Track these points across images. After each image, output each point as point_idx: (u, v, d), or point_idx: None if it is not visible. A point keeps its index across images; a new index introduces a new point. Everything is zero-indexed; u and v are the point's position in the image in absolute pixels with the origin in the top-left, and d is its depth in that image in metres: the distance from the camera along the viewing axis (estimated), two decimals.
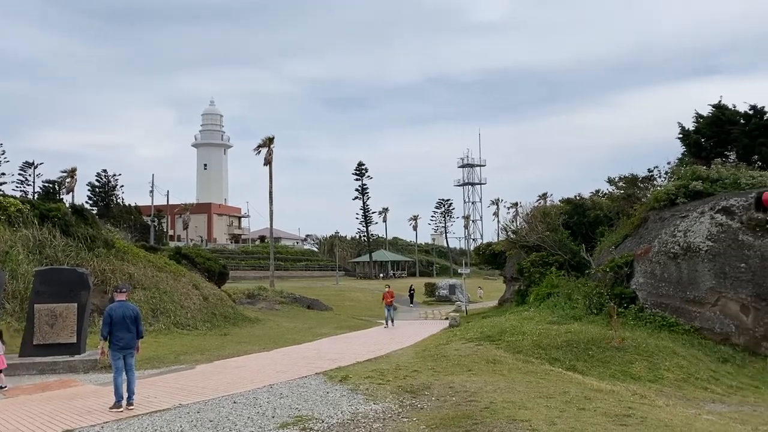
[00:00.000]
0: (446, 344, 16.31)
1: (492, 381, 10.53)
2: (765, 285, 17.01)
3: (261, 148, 57.48)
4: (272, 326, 27.44)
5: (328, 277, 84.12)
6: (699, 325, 17.45)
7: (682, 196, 20.64)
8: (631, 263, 19.94)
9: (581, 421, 7.52)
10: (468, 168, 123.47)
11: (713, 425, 8.03)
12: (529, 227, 32.37)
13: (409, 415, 8.38)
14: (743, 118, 27.19)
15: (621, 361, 13.91)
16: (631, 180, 29.13)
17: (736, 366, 15.63)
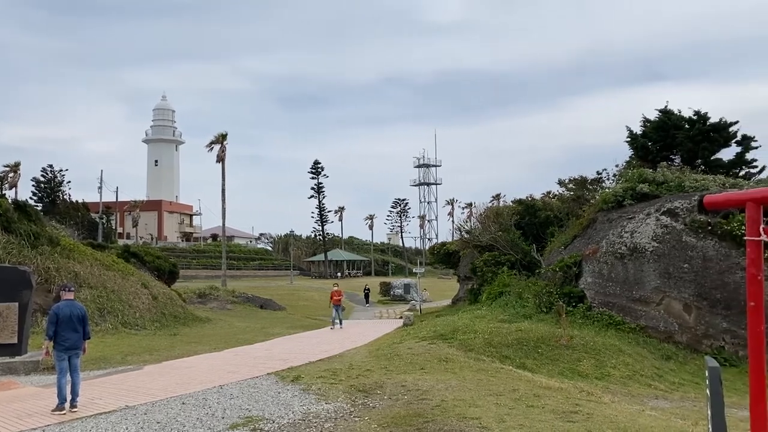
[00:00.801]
0: (399, 343, 16.36)
1: (444, 379, 10.61)
2: (706, 285, 17.65)
3: (214, 144, 56.58)
4: (223, 326, 27.04)
5: (283, 276, 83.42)
6: (644, 324, 17.98)
7: (629, 198, 21.25)
8: (580, 263, 20.41)
9: (530, 418, 7.65)
10: (424, 168, 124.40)
11: (656, 421, 8.28)
12: (482, 227, 32.83)
13: (360, 415, 8.37)
14: (688, 123, 28.16)
15: (569, 359, 14.22)
16: (580, 182, 29.85)
17: (678, 363, 16.17)
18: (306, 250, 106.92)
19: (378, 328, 24.94)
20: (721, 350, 16.77)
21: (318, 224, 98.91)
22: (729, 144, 28.26)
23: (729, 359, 16.22)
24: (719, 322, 17.21)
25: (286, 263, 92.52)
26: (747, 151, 28.20)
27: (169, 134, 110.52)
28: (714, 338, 17.19)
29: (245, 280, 69.39)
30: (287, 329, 25.90)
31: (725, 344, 16.95)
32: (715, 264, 17.75)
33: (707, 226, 18.22)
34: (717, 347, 16.92)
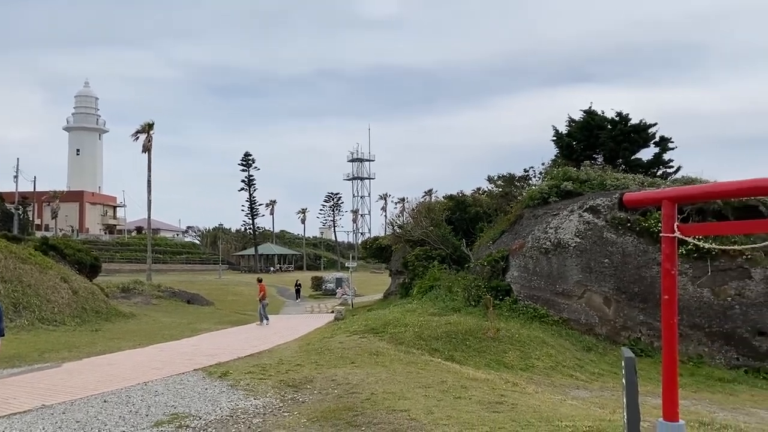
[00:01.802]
0: (330, 337, 16.35)
1: (374, 373, 10.67)
2: (625, 279, 18.48)
3: (140, 134, 54.60)
4: (148, 321, 26.22)
5: (211, 270, 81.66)
6: (567, 317, 18.65)
7: (555, 195, 21.96)
8: (507, 258, 20.96)
9: (457, 409, 7.81)
10: (357, 162, 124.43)
11: (576, 410, 8.61)
12: (414, 222, 33.16)
13: (290, 410, 8.32)
14: (610, 124, 29.34)
15: (496, 351, 14.60)
16: (508, 179, 30.62)
17: (598, 354, 16.86)
18: (235, 244, 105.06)
19: (309, 322, 24.82)
20: (637, 341, 17.60)
21: (248, 218, 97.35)
22: (648, 145, 29.64)
23: (645, 350, 17.04)
24: (636, 314, 18.05)
25: (214, 257, 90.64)
26: (664, 151, 29.67)
27: (92, 122, 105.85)
28: (631, 330, 18.02)
29: (172, 274, 67.51)
30: (215, 324, 25.40)
31: (642, 336, 17.80)
32: (633, 259, 18.60)
33: (627, 223, 19.07)
34: (634, 339, 17.75)
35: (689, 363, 16.46)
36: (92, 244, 68.99)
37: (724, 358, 16.79)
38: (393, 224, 37.94)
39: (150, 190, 53.98)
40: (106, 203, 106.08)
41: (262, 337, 19.10)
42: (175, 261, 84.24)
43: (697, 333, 17.12)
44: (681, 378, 14.64)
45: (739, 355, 16.70)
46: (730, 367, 16.53)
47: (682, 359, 16.25)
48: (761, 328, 16.63)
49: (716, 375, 15.82)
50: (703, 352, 16.95)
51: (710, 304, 17.25)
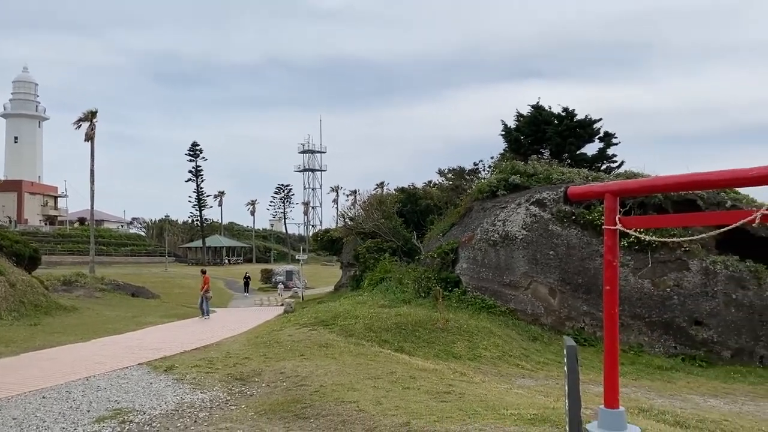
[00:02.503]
0: (279, 330, 16.22)
1: (323, 365, 10.65)
2: (569, 271, 18.96)
3: (82, 122, 52.73)
4: (91, 315, 25.44)
5: (157, 263, 79.80)
6: (514, 307, 19.02)
7: (503, 188, 22.33)
8: (457, 250, 21.21)
9: (405, 399, 7.86)
10: (309, 154, 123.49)
11: (521, 398, 8.80)
12: (365, 214, 33.19)
13: (237, 403, 8.23)
14: (557, 119, 29.96)
15: (445, 342, 14.76)
16: (458, 172, 30.96)
17: (543, 344, 17.25)
18: (183, 236, 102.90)
19: (258, 315, 24.55)
20: (581, 331, 18.10)
21: (196, 209, 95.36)
22: (593, 140, 30.40)
23: (588, 339, 17.54)
24: (580, 305, 18.55)
25: (160, 249, 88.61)
26: (608, 146, 30.49)
27: (31, 109, 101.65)
28: (575, 320, 18.51)
29: (116, 266, 65.71)
30: (161, 318, 24.83)
31: (585, 325, 18.31)
32: (577, 251, 19.09)
33: (571, 216, 19.54)
34: (578, 328, 18.25)
35: (630, 352, 17.03)
36: (31, 235, 66.49)
37: (662, 346, 17.43)
38: (344, 216, 37.95)
39: (93, 180, 52.29)
40: (47, 193, 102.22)
41: (209, 330, 18.80)
42: (119, 253, 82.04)
43: (638, 323, 17.72)
44: (622, 366, 15.15)
45: (676, 343, 17.36)
46: (669, 355, 17.18)
47: (623, 348, 16.80)
48: (697, 317, 17.33)
49: (655, 363, 16.42)
50: (643, 341, 17.56)
51: (650, 294, 17.87)
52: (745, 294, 17.14)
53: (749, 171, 5.71)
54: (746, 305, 17.03)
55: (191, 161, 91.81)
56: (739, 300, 17.12)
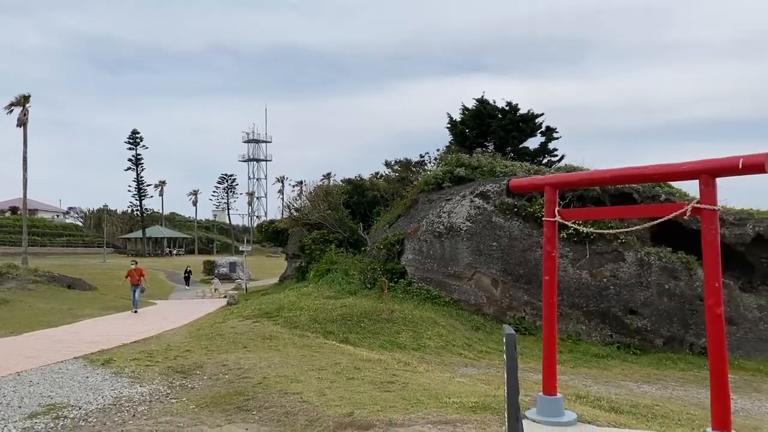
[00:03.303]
0: (222, 322, 15.99)
1: (267, 357, 10.56)
2: (511, 262, 19.36)
3: (14, 107, 50.43)
4: (23, 308, 24.43)
5: (95, 254, 77.30)
6: (457, 298, 19.30)
7: (448, 180, 22.58)
8: (403, 241, 21.35)
9: (350, 389, 7.89)
10: (253, 144, 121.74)
11: (464, 387, 8.95)
12: (312, 205, 32.97)
13: (178, 396, 8.07)
14: (500, 113, 30.49)
15: (389, 332, 14.87)
16: (405, 164, 31.12)
17: (486, 333, 17.58)
18: (122, 227, 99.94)
19: (200, 308, 24.13)
20: (522, 320, 18.53)
21: (136, 199, 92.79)
22: (535, 134, 31.10)
23: (528, 329, 17.98)
24: (521, 295, 18.98)
25: (98, 240, 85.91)
26: (549, 141, 31.25)
27: None
28: (516, 310, 18.93)
29: (51, 258, 63.28)
30: (98, 310, 24.08)
31: (526, 315, 18.75)
32: (519, 242, 19.50)
33: (514, 208, 19.94)
34: (519, 318, 18.67)
35: (569, 340, 17.54)
36: None
37: (599, 335, 18.03)
38: (290, 207, 37.60)
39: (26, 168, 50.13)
40: None
41: (149, 322, 18.35)
42: (55, 244, 79.01)
43: (576, 312, 18.26)
44: (560, 354, 15.61)
45: (612, 332, 17.99)
46: (605, 343, 17.78)
47: (561, 337, 17.30)
48: (632, 307, 17.99)
49: (592, 351, 16.97)
50: (581, 329, 18.11)
51: (588, 285, 18.43)
52: (677, 284, 17.89)
53: (681, 166, 5.95)
54: (678, 295, 17.78)
55: (131, 149, 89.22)
56: (671, 290, 17.86)
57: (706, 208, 5.55)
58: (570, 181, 8.38)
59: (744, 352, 17.04)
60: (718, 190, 5.80)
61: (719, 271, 5.58)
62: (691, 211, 5.62)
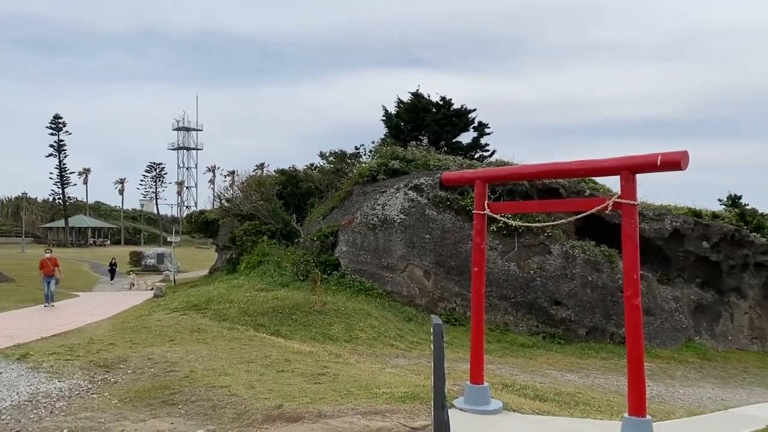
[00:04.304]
0: (148, 315, 15.54)
1: (194, 350, 10.33)
2: (443, 254, 19.66)
3: None
4: None
5: (12, 244, 73.50)
6: (390, 289, 19.44)
7: (383, 173, 22.66)
8: (337, 233, 21.30)
9: (280, 382, 7.82)
10: (184, 131, 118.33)
11: (394, 377, 9.03)
12: (244, 196, 32.36)
13: (99, 391, 7.80)
14: (435, 108, 30.81)
15: (322, 324, 14.82)
16: (340, 156, 31.02)
17: (417, 324, 17.79)
18: (42, 216, 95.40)
19: (125, 300, 23.34)
20: (452, 311, 18.86)
21: (58, 187, 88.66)
22: (468, 129, 31.60)
23: (459, 319, 18.32)
24: (452, 286, 19.31)
25: (17, 229, 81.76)
26: (482, 136, 31.84)
27: None
28: (447, 301, 19.25)
29: None
30: (16, 303, 22.89)
31: (456, 306, 19.09)
32: (451, 235, 19.82)
33: (446, 201, 20.24)
34: (450, 309, 19.00)
35: (497, 330, 17.99)
36: None
37: (526, 325, 18.57)
38: (221, 198, 36.75)
39: None
40: None
41: (70, 315, 17.60)
42: None
43: (504, 303, 18.74)
44: (489, 344, 15.98)
45: (538, 322, 18.56)
46: (531, 333, 18.34)
47: (490, 327, 17.72)
48: (557, 298, 18.61)
49: (519, 341, 17.47)
50: (509, 320, 18.60)
51: (516, 276, 18.94)
52: (599, 276, 18.63)
53: (603, 162, 6.19)
54: (600, 287, 18.52)
55: (53, 135, 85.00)
56: (594, 282, 18.58)
57: (626, 203, 5.79)
58: (499, 175, 8.59)
59: (660, 341, 17.95)
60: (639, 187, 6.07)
61: (638, 263, 5.84)
62: (612, 205, 5.85)
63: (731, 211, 22.67)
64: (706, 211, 21.36)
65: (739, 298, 19.69)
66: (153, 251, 56.85)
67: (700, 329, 18.93)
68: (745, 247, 19.96)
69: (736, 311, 19.47)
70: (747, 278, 19.89)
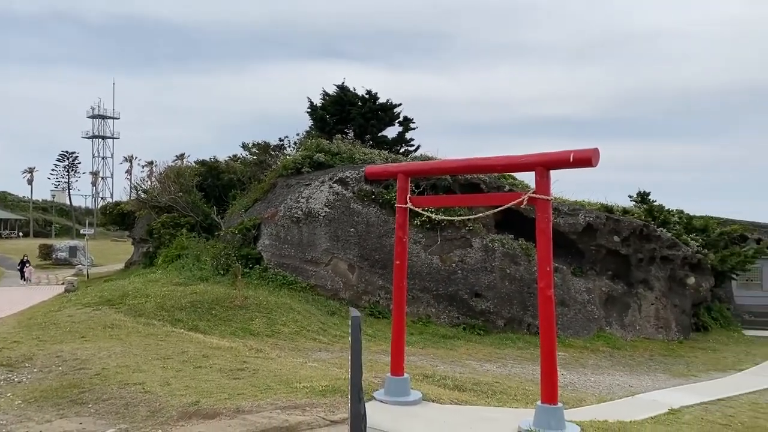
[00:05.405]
0: (58, 311, 14.81)
1: (107, 347, 9.92)
2: (368, 247, 19.72)
3: None
4: None
5: None
6: (314, 283, 19.33)
7: (308, 165, 22.47)
8: (259, 226, 20.96)
9: (196, 378, 7.63)
10: (99, 120, 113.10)
11: (316, 371, 9.00)
12: (162, 187, 31.28)
13: (2, 392, 7.36)
14: (360, 101, 30.81)
15: (242, 319, 14.56)
16: (263, 147, 30.52)
17: (341, 317, 17.77)
18: None
19: (33, 295, 22.13)
20: (377, 304, 18.98)
21: None
22: (393, 123, 31.78)
23: (382, 312, 18.44)
24: (376, 279, 19.41)
25: None
26: (407, 131, 32.11)
27: None
28: (371, 294, 19.34)
29: None
30: None
31: (380, 299, 19.21)
32: (376, 229, 19.91)
33: (371, 195, 20.30)
34: (374, 302, 19.10)
35: (419, 322, 18.24)
36: None
37: (447, 317, 18.92)
38: (138, 189, 35.42)
39: None
40: None
41: None
42: None
43: (427, 295, 19.02)
44: (411, 336, 16.17)
45: (459, 314, 18.95)
46: (452, 324, 18.71)
47: (413, 319, 17.95)
48: (478, 290, 19.06)
49: (441, 332, 17.77)
50: (431, 312, 18.90)
51: (438, 269, 19.25)
52: (517, 269, 19.21)
53: (519, 158, 6.37)
54: (518, 279, 19.10)
55: None
56: (512, 274, 19.15)
57: (540, 198, 5.98)
58: (420, 170, 8.69)
59: (573, 331, 18.72)
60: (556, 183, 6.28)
61: (551, 256, 6.05)
62: (528, 200, 6.03)
63: (640, 207, 23.89)
64: (617, 207, 22.41)
65: (647, 290, 20.78)
66: (65, 244, 54.10)
67: (611, 319, 19.86)
68: (653, 242, 21.08)
69: (643, 302, 20.55)
70: (654, 271, 21.01)
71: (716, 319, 22.91)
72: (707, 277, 22.04)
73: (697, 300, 21.71)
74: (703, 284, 21.77)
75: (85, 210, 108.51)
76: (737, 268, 23.34)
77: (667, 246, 21.23)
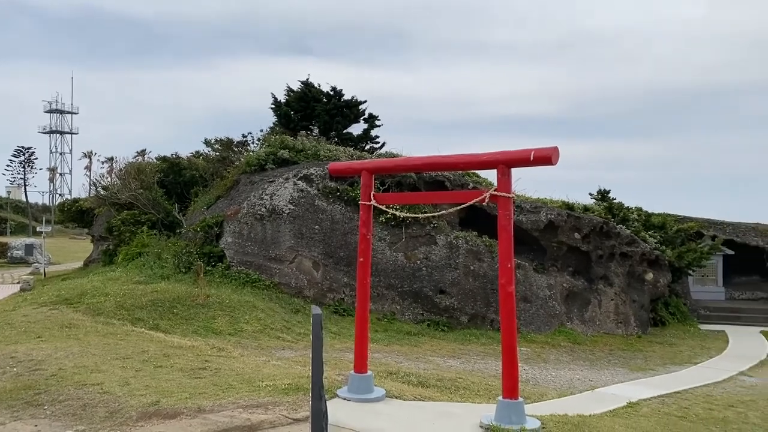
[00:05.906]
0: (13, 310, 14.40)
1: (64, 347, 9.69)
2: (333, 244, 19.67)
3: None
4: None
5: None
6: (278, 281, 19.20)
7: (271, 162, 22.28)
8: (222, 223, 20.71)
9: (157, 378, 7.51)
10: (57, 114, 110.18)
11: (279, 369, 8.94)
12: (122, 184, 30.64)
13: None
14: (325, 98, 30.65)
15: (204, 317, 14.38)
16: (226, 143, 30.16)
17: (305, 315, 17.69)
18: None
19: None
20: (341, 302, 18.95)
21: None
22: (358, 120, 31.69)
23: (347, 309, 18.42)
24: (341, 277, 19.38)
25: None
26: (372, 128, 32.06)
27: None
28: (336, 292, 19.30)
29: None
30: None
31: (345, 296, 19.18)
32: (341, 226, 19.87)
33: (336, 192, 20.25)
34: (338, 299, 19.07)
35: (384, 319, 18.28)
36: None
37: (412, 314, 19.00)
38: (97, 185, 34.63)
39: None
40: None
41: None
42: None
43: (392, 292, 19.07)
44: (376, 333, 16.20)
45: (424, 311, 19.06)
46: (417, 321, 18.80)
47: (377, 316, 17.99)
48: (442, 287, 19.19)
49: (405, 329, 17.85)
50: (396, 309, 18.96)
51: (403, 266, 19.32)
52: (481, 265, 19.40)
53: (481, 156, 6.43)
54: (481, 275, 19.29)
55: None
56: (476, 271, 19.33)
57: (501, 195, 6.04)
58: (384, 167, 8.70)
59: (535, 326, 18.99)
60: (519, 181, 6.36)
61: (512, 252, 6.12)
62: (489, 197, 6.09)
63: (600, 205, 24.34)
64: (578, 205, 22.79)
65: (606, 286, 21.20)
66: (20, 242, 52.55)
67: (572, 315, 20.20)
68: (612, 238, 21.51)
69: (603, 298, 20.95)
70: (613, 267, 21.44)
71: (673, 314, 23.48)
72: (665, 273, 22.58)
73: (655, 295, 22.23)
74: (661, 280, 22.30)
75: (42, 207, 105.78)
76: (693, 264, 23.98)
77: (626, 243, 21.68)
